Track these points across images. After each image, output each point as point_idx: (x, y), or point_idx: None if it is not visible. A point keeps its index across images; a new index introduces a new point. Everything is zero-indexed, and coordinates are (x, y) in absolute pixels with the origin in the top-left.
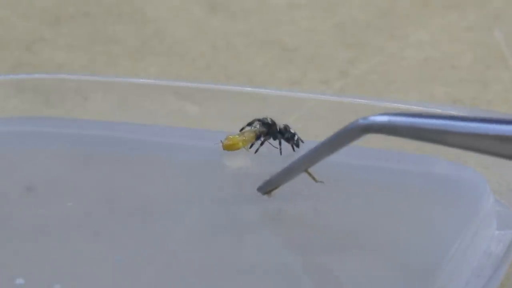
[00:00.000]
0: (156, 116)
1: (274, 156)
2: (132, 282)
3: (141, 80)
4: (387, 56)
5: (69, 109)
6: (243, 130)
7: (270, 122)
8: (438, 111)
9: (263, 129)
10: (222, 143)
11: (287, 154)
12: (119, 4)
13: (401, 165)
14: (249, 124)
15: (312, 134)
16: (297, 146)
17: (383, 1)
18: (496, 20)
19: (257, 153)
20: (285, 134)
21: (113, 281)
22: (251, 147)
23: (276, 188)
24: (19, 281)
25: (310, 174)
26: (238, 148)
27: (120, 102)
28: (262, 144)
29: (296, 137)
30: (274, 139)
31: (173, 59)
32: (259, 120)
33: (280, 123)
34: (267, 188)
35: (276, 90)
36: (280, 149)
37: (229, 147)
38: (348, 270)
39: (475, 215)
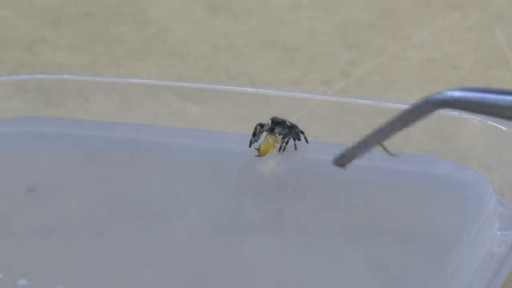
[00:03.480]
0: (158, 116)
1: (276, 154)
2: (133, 282)
3: (143, 80)
4: (388, 57)
5: (70, 110)
6: (266, 136)
7: (281, 120)
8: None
9: (284, 130)
10: (258, 151)
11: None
12: (120, 4)
13: (403, 166)
14: (261, 126)
15: (313, 134)
16: (306, 140)
17: (385, 1)
18: (498, 21)
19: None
20: (296, 130)
21: (115, 281)
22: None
23: (350, 161)
24: (22, 281)
25: (383, 147)
26: (269, 152)
27: (121, 102)
28: (287, 142)
29: (302, 131)
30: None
31: (175, 59)
32: (274, 121)
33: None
34: (342, 161)
35: (278, 90)
36: (295, 144)
37: (264, 153)
38: (348, 270)
39: (477, 216)
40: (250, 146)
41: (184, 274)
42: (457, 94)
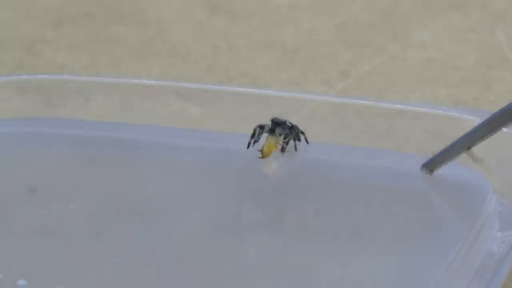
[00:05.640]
0: (158, 117)
1: (277, 155)
2: (133, 282)
3: (143, 81)
4: (389, 57)
5: (70, 110)
6: (267, 137)
7: (281, 121)
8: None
9: (284, 130)
10: (262, 152)
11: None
12: (120, 5)
13: (403, 166)
14: (261, 128)
15: (313, 135)
16: (306, 141)
17: (385, 1)
18: (499, 21)
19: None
20: (297, 130)
21: (115, 282)
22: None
23: (439, 167)
24: (21, 282)
25: (471, 154)
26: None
27: (122, 103)
28: (287, 143)
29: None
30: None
31: (175, 60)
32: (275, 122)
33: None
34: (431, 166)
35: (278, 91)
36: (295, 145)
37: (267, 154)
38: (348, 271)
39: (477, 216)
40: (248, 147)
41: (184, 274)
42: None
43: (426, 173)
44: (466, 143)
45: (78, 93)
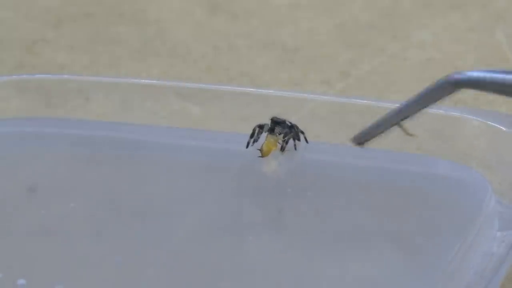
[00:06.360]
0: (158, 116)
1: (277, 154)
2: (133, 282)
3: (143, 81)
4: (388, 57)
5: (70, 110)
6: (267, 136)
7: (281, 120)
8: None
9: (284, 130)
10: (261, 152)
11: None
12: (120, 5)
13: (403, 166)
14: (260, 127)
15: (313, 135)
16: (306, 140)
17: (385, 1)
18: (499, 21)
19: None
20: (296, 130)
21: (115, 281)
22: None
23: (368, 140)
24: (21, 281)
25: (402, 128)
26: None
27: (122, 103)
28: (287, 142)
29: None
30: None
31: (175, 60)
32: (274, 121)
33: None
34: (361, 139)
35: (278, 90)
36: (295, 144)
37: (267, 153)
38: (349, 270)
39: (477, 216)
40: (247, 147)
41: (184, 274)
42: (477, 74)
43: (357, 146)
44: (397, 117)
45: (78, 93)
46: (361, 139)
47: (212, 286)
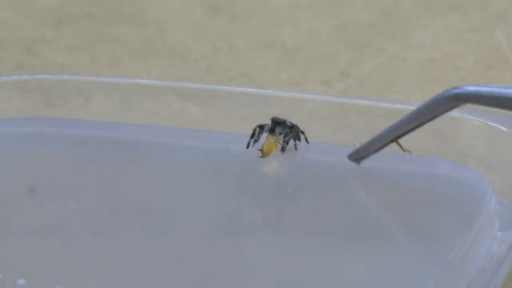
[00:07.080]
0: (158, 117)
1: (277, 154)
2: (133, 282)
3: (143, 81)
4: (388, 57)
5: (70, 110)
6: (267, 136)
7: (281, 120)
8: None
9: (284, 130)
10: (262, 152)
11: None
12: (120, 5)
13: (403, 166)
14: (260, 128)
15: (313, 135)
16: (306, 140)
17: (385, 1)
18: (499, 21)
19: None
20: (297, 130)
21: (115, 281)
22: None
23: (365, 157)
24: (21, 281)
25: (399, 144)
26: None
27: (122, 103)
28: (287, 142)
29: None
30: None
31: (175, 60)
32: (275, 121)
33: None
34: (357, 156)
35: (278, 91)
36: (295, 145)
37: (267, 153)
38: (348, 270)
39: (477, 216)
40: (247, 147)
41: (184, 274)
42: (475, 88)
43: (353, 162)
44: (393, 134)
45: (78, 93)
46: (358, 156)
47: (212, 286)
